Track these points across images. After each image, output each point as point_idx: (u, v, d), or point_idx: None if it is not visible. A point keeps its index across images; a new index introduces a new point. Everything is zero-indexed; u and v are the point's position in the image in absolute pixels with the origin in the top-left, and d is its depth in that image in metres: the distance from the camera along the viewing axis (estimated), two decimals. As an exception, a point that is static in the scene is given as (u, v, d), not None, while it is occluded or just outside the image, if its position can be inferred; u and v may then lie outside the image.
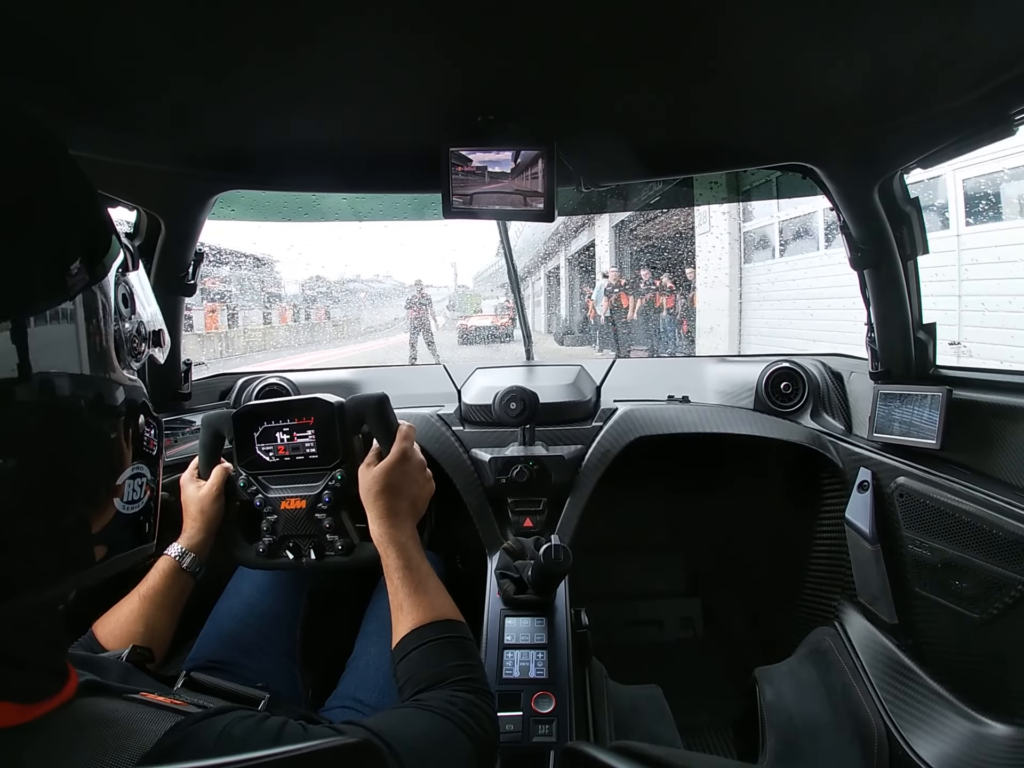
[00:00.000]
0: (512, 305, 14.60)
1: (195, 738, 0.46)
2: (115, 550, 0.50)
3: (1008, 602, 1.08)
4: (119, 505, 0.49)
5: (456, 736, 0.65)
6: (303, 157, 1.22)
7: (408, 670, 0.77)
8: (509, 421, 1.55)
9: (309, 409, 1.04)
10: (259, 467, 1.06)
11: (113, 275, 0.50)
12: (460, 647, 0.81)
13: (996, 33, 0.78)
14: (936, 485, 1.22)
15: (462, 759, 0.64)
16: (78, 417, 0.45)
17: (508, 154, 1.10)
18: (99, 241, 0.50)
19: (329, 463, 1.03)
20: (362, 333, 17.29)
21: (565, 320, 15.00)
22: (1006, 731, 1.08)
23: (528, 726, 1.11)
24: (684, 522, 2.18)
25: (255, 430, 1.05)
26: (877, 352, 1.41)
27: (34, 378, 0.41)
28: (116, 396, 0.49)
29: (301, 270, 21.90)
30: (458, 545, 1.97)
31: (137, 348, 0.55)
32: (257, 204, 1.71)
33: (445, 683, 0.74)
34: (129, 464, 0.51)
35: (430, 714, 0.66)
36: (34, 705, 0.43)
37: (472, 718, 0.69)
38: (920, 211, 1.25)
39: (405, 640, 0.80)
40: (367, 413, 1.01)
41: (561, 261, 15.96)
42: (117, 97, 0.92)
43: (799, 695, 1.46)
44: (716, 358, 2.11)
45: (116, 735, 0.44)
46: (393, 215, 1.93)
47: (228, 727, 0.49)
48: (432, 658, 0.78)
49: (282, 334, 14.56)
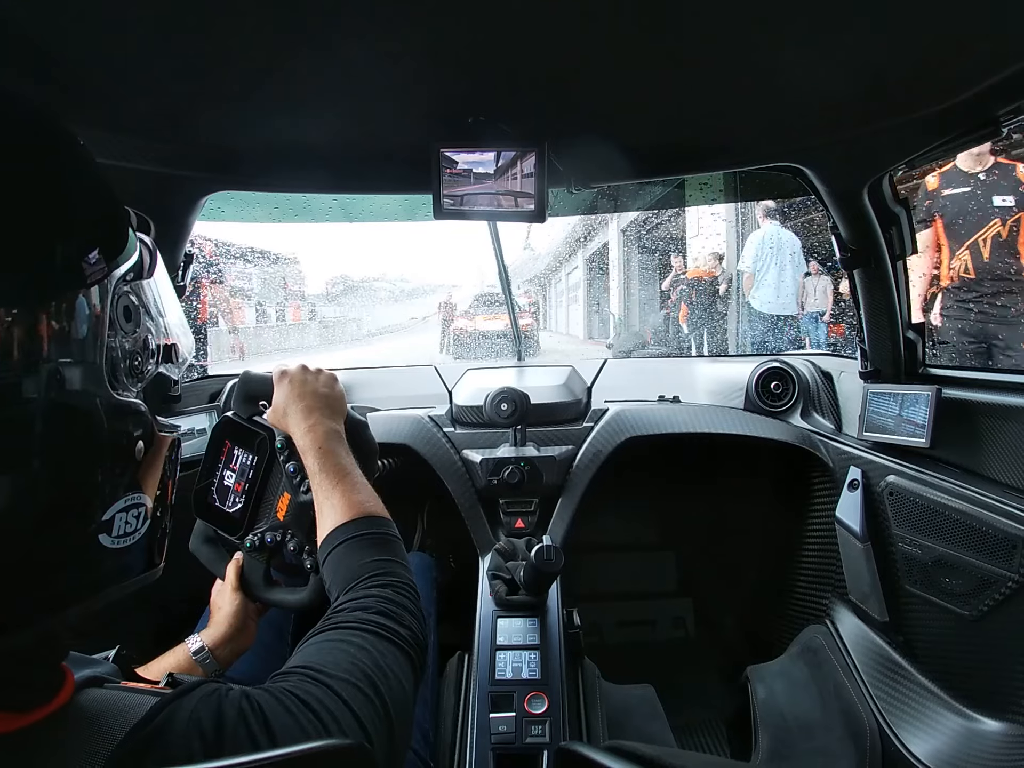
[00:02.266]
0: (531, 300, 14.19)
1: (168, 727, 0.45)
2: (104, 584, 0.47)
3: (998, 599, 1.09)
4: (106, 540, 0.45)
5: (380, 647, 0.62)
6: (293, 158, 1.21)
7: (329, 571, 0.75)
8: (500, 422, 1.54)
9: (219, 440, 1.02)
10: (244, 520, 1.01)
11: (112, 285, 0.46)
12: (379, 541, 0.77)
13: (984, 36, 0.79)
14: (926, 483, 1.23)
15: (392, 668, 0.60)
16: (53, 444, 0.41)
17: (491, 155, 1.10)
18: (115, 240, 0.48)
19: (267, 449, 1.00)
20: (391, 330, 17.28)
21: (620, 322, 11.48)
22: (997, 727, 1.09)
23: (521, 727, 1.11)
24: (675, 522, 2.19)
25: (214, 503, 1.02)
26: (867, 352, 1.42)
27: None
28: (99, 421, 0.44)
29: (325, 270, 22.00)
30: (450, 546, 1.97)
31: (139, 367, 0.50)
32: (247, 205, 1.71)
33: (361, 580, 0.71)
34: (122, 495, 0.47)
35: (350, 632, 0.62)
36: (30, 713, 0.43)
37: (390, 618, 0.65)
38: (909, 211, 1.26)
39: (326, 541, 0.77)
40: (245, 391, 1.01)
41: (612, 238, 11.73)
42: (106, 97, 0.91)
43: (791, 693, 1.46)
44: (707, 358, 2.11)
45: (102, 726, 0.44)
46: (384, 216, 1.93)
47: (195, 711, 0.47)
48: (350, 555, 0.74)
49: (313, 331, 14.47)
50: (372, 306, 17.91)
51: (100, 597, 0.47)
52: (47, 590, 0.42)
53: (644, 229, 10.32)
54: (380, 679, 0.57)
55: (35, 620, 0.42)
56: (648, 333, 9.13)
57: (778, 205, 5.32)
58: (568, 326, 17.24)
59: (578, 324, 15.44)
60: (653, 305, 10.17)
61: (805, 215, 6.17)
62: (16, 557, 0.40)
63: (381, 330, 17.42)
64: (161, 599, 1.01)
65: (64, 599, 0.44)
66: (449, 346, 11.45)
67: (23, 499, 0.39)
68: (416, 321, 15.42)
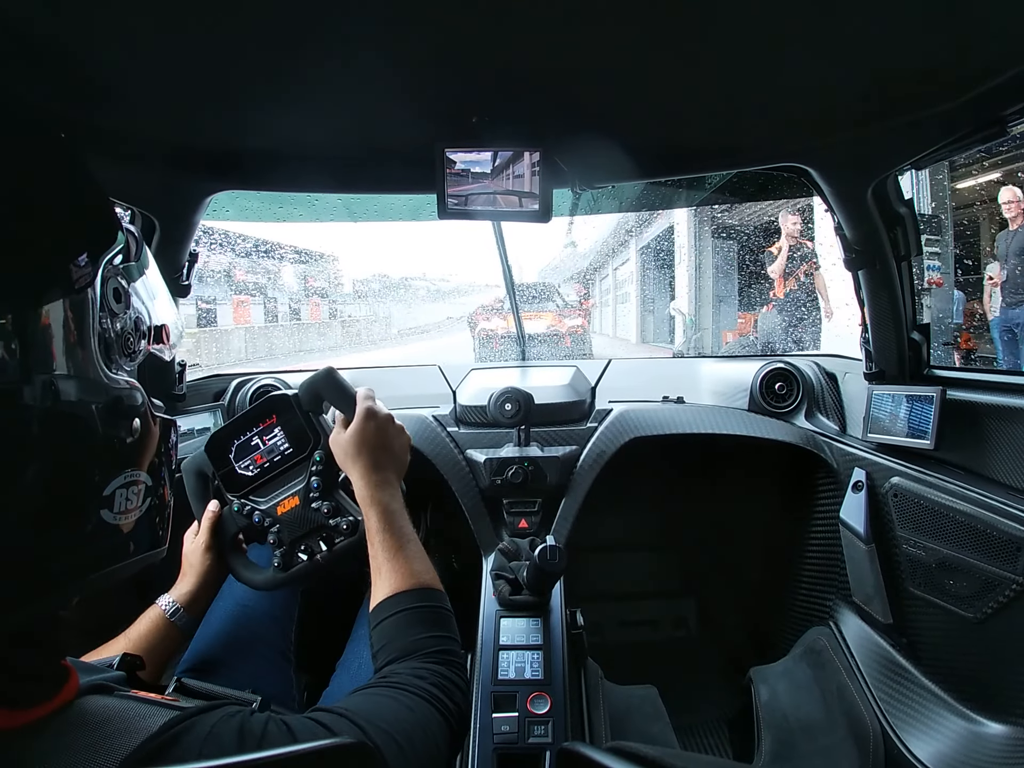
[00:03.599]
0: (581, 291, 13.19)
1: (184, 738, 0.46)
2: (109, 561, 0.48)
3: (1002, 601, 1.08)
4: (107, 516, 0.46)
5: (427, 712, 0.64)
6: (297, 157, 1.22)
7: (382, 637, 0.76)
8: (504, 422, 1.55)
9: (268, 409, 1.03)
10: (245, 485, 1.04)
11: (101, 268, 0.48)
12: (436, 617, 0.79)
13: (988, 36, 0.78)
14: (930, 485, 1.22)
15: (434, 734, 0.63)
16: (53, 422, 0.42)
17: (487, 154, 1.10)
18: (103, 235, 0.49)
19: (305, 450, 1.02)
20: (425, 329, 17.21)
21: (691, 323, 9.23)
22: (1000, 730, 1.09)
23: (524, 727, 1.11)
24: (679, 522, 2.19)
25: (229, 452, 1.04)
26: (871, 353, 1.41)
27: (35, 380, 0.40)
28: (100, 393, 0.46)
29: (364, 268, 22.00)
30: (453, 546, 1.97)
31: (132, 346, 0.52)
32: (252, 204, 1.72)
33: (417, 654, 0.73)
34: (120, 471, 0.48)
35: (401, 693, 0.65)
36: (30, 709, 0.43)
37: (443, 692, 0.68)
38: (914, 212, 1.26)
39: (381, 606, 0.79)
40: (321, 388, 1.01)
41: (680, 222, 9.58)
42: (111, 97, 0.91)
43: (794, 695, 1.46)
44: (710, 358, 2.11)
45: (112, 733, 0.44)
46: (388, 216, 1.93)
47: (215, 728, 0.48)
48: (406, 627, 0.76)
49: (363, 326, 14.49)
50: (408, 304, 17.77)
51: (105, 574, 0.47)
52: (53, 564, 0.43)
53: (723, 211, 8.67)
54: (418, 738, 0.60)
55: (42, 596, 0.43)
56: (728, 335, 8.16)
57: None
58: (615, 328, 15.81)
59: (629, 325, 13.92)
60: (731, 303, 8.94)
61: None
62: (21, 531, 0.41)
63: (413, 329, 17.19)
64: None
65: (68, 574, 0.45)
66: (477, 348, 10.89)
67: (26, 474, 0.41)
68: (452, 321, 15.27)
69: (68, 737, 0.43)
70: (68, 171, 0.49)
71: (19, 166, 0.44)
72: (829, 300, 5.28)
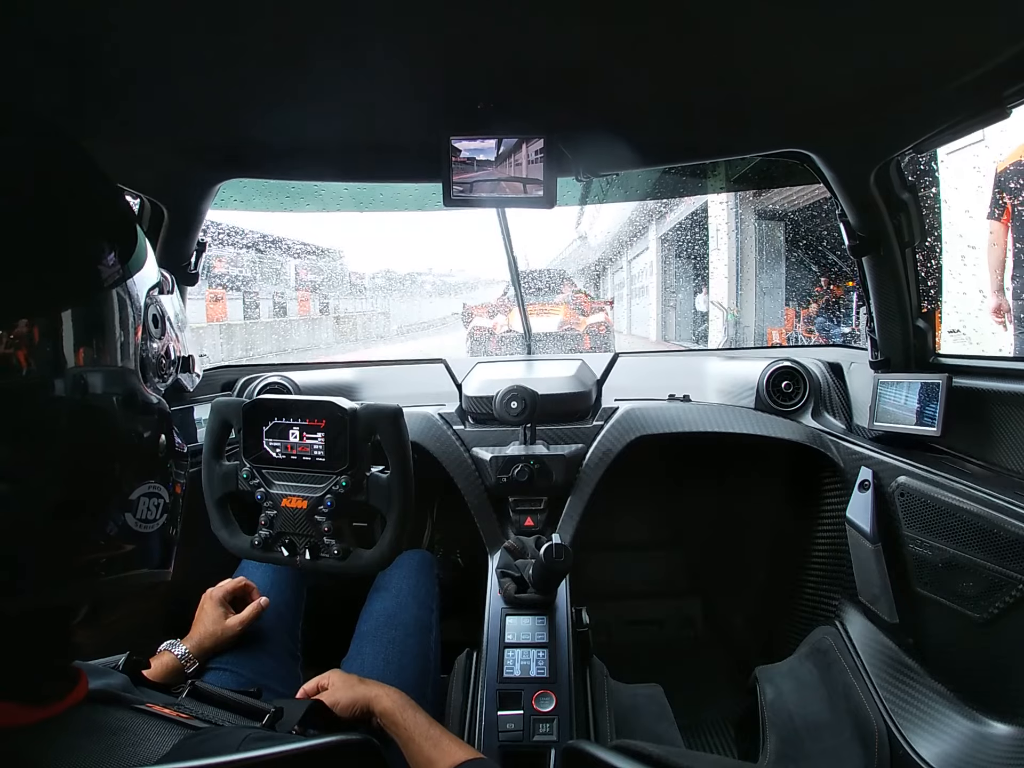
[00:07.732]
0: (609, 300, 12.08)
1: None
2: (125, 566, 0.49)
3: (1009, 601, 1.08)
4: (131, 521, 0.49)
5: None
6: (304, 147, 1.23)
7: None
8: (510, 420, 1.55)
9: (321, 411, 1.04)
10: (264, 461, 1.06)
11: (144, 293, 0.51)
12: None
13: (986, 16, 0.78)
14: (937, 484, 1.22)
15: None
16: (100, 415, 0.46)
17: (492, 142, 1.12)
18: (124, 238, 0.51)
19: (336, 468, 1.03)
20: (431, 324, 17.20)
21: (732, 319, 8.02)
22: (1007, 731, 1.08)
23: (529, 725, 1.11)
24: (685, 521, 2.18)
25: (265, 424, 1.06)
26: (876, 341, 1.41)
27: (68, 374, 0.42)
28: (138, 403, 0.50)
29: (370, 263, 21.89)
30: (459, 544, 1.98)
31: (164, 370, 0.56)
32: (260, 193, 1.74)
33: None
34: (145, 480, 0.51)
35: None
36: (43, 707, 0.44)
37: None
38: (917, 198, 1.25)
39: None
40: (380, 425, 1.02)
41: (715, 202, 8.20)
42: (121, 87, 0.92)
43: (800, 694, 1.46)
44: (717, 352, 2.10)
45: (124, 743, 0.45)
46: (394, 205, 1.95)
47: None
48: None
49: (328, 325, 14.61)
50: (411, 300, 17.74)
51: (124, 578, 0.49)
52: (83, 555, 0.46)
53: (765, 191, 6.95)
54: None
55: (71, 582, 0.46)
56: (774, 333, 7.15)
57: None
58: (630, 324, 14.98)
59: (648, 321, 12.68)
60: (777, 295, 7.80)
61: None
62: (62, 518, 0.43)
63: (414, 325, 17.15)
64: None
65: (95, 566, 0.47)
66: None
67: (67, 467, 0.44)
68: (456, 317, 15.27)
69: (83, 739, 0.44)
70: (100, 183, 0.51)
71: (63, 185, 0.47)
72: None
